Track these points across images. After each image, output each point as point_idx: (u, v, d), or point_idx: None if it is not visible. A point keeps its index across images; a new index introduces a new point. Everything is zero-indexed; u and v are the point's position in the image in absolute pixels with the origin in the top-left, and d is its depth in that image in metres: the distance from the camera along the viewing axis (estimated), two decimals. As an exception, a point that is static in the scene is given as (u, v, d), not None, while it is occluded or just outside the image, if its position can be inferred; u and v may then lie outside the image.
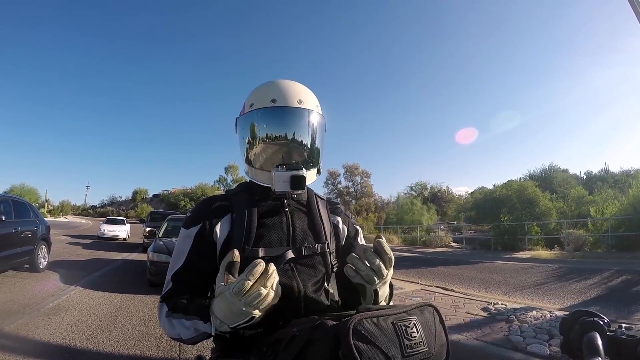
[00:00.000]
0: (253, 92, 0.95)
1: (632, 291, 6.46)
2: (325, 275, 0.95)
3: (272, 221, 0.91)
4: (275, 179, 0.86)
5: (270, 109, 0.89)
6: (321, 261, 0.93)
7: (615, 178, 26.14)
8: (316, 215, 0.96)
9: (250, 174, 0.96)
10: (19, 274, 7.06)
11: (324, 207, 1.00)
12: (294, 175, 0.85)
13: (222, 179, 44.29)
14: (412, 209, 27.50)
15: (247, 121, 0.92)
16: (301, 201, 0.97)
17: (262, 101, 0.90)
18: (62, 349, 3.41)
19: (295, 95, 0.90)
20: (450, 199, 41.30)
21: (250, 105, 0.92)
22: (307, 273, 0.90)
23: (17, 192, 36.19)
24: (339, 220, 1.03)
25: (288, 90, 0.91)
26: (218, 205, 0.92)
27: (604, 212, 14.55)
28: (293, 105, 0.89)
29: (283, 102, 0.89)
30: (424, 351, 0.60)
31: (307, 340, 0.62)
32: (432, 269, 10.45)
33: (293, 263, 0.88)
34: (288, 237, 0.90)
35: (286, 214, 0.92)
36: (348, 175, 41.80)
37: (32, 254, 7.23)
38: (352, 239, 1.03)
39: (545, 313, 4.36)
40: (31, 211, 7.72)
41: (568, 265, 10.15)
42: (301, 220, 0.94)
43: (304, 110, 0.90)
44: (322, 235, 0.94)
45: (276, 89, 0.91)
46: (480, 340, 3.52)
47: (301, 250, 0.89)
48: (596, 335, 0.60)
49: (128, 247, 14.27)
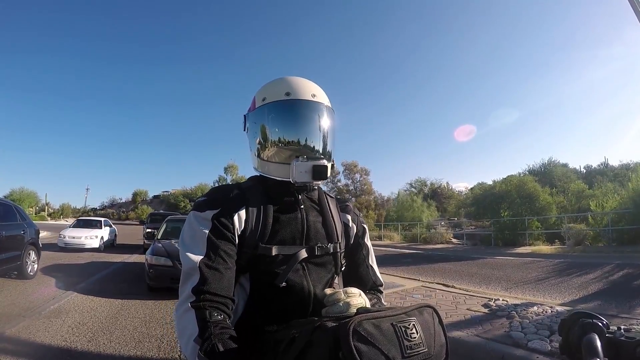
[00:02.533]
0: (264, 87, 0.93)
1: (633, 285, 6.47)
2: (334, 274, 0.94)
3: (287, 218, 0.88)
4: (296, 169, 0.83)
5: (285, 101, 0.87)
6: (331, 261, 0.92)
7: (615, 172, 26.16)
8: (328, 213, 0.94)
9: (263, 169, 0.92)
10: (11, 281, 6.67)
11: (334, 205, 0.99)
12: (316, 164, 0.83)
13: (222, 179, 44.31)
14: (412, 206, 27.52)
15: (260, 115, 0.89)
16: (313, 199, 0.95)
17: (276, 95, 0.88)
18: (64, 352, 3.41)
19: (308, 89, 0.89)
20: (450, 195, 41.33)
21: (262, 99, 0.90)
22: (317, 272, 0.89)
23: (16, 196, 36.25)
24: (349, 219, 1.01)
25: (301, 84, 0.90)
26: (235, 194, 0.87)
27: (604, 206, 14.56)
28: (307, 98, 0.88)
29: (297, 95, 0.87)
30: (424, 352, 0.60)
31: (307, 342, 0.62)
32: (432, 265, 10.47)
33: (304, 262, 0.87)
34: (302, 235, 0.88)
35: (301, 211, 0.90)
36: (347, 173, 41.76)
37: (20, 260, 6.75)
38: (360, 237, 1.02)
39: (546, 309, 4.36)
40: (18, 214, 7.15)
41: (569, 259, 10.16)
42: (315, 219, 0.92)
43: (319, 104, 0.89)
44: (335, 235, 0.93)
45: (289, 84, 0.89)
46: (481, 336, 3.52)
47: (314, 250, 0.88)
48: (595, 337, 0.60)
49: (128, 249, 14.18)
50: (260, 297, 0.85)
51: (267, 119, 0.88)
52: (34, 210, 41.06)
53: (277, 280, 0.82)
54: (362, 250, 1.01)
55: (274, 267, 0.83)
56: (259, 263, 0.83)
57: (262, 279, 0.84)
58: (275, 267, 0.83)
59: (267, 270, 0.83)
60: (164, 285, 5.72)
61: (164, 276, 5.69)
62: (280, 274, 0.83)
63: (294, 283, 0.84)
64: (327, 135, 0.89)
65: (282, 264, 0.84)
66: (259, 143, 0.90)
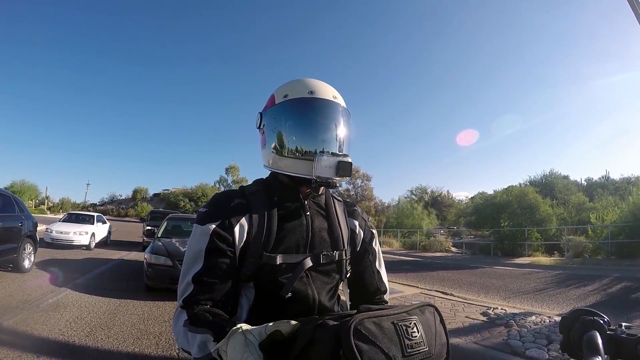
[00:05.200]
0: (284, 85, 0.92)
1: (631, 298, 6.44)
2: (339, 280, 0.94)
3: (292, 225, 0.87)
4: (320, 163, 0.82)
5: (309, 99, 0.87)
6: (336, 269, 0.92)
7: (616, 185, 26.16)
8: (335, 220, 0.93)
9: (276, 165, 0.89)
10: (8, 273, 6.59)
11: (341, 210, 0.98)
12: (341, 161, 0.83)
13: (223, 180, 44.31)
14: (412, 213, 27.43)
15: (280, 111, 0.89)
16: (320, 204, 0.94)
17: (299, 92, 0.88)
18: (61, 345, 3.41)
19: (330, 91, 0.91)
20: (451, 203, 41.23)
21: (283, 96, 0.89)
22: (321, 280, 0.89)
23: (17, 188, 36.18)
24: (357, 225, 1.00)
25: (323, 85, 0.91)
26: (237, 203, 0.86)
27: (604, 219, 14.54)
28: (330, 98, 0.89)
29: (321, 94, 0.88)
30: (425, 351, 0.60)
31: (309, 340, 0.62)
32: (431, 273, 10.44)
33: (309, 270, 0.87)
34: (306, 243, 0.87)
35: (307, 217, 0.89)
36: (349, 179, 41.77)
37: (16, 253, 6.57)
38: (367, 244, 1.01)
39: (544, 318, 4.36)
40: (16, 205, 6.93)
41: (567, 271, 10.13)
42: (320, 225, 0.91)
43: (339, 105, 0.90)
44: (340, 242, 0.92)
45: (312, 83, 0.90)
46: (479, 344, 3.52)
47: (319, 258, 0.87)
48: (596, 334, 0.60)
49: (127, 246, 14.11)
50: (265, 306, 0.85)
51: (290, 115, 0.88)
52: (33, 203, 40.93)
53: (282, 290, 0.82)
54: (369, 255, 1.00)
55: (279, 276, 0.83)
56: (263, 272, 0.83)
57: (266, 288, 0.84)
58: (280, 277, 0.83)
59: (271, 279, 0.83)
60: (163, 286, 5.53)
61: (164, 276, 5.49)
62: (285, 283, 0.83)
63: (298, 291, 0.84)
64: (347, 136, 0.90)
65: (286, 273, 0.84)
66: (278, 138, 0.89)
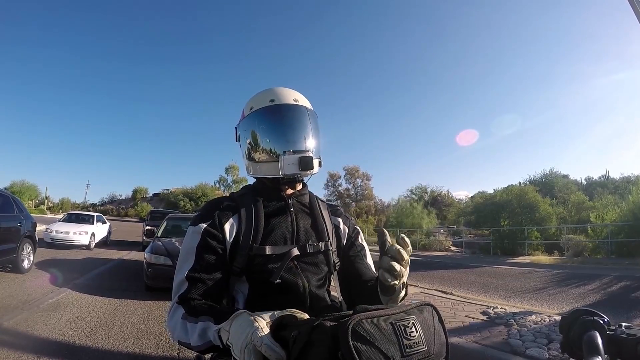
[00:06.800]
0: (251, 99, 1.02)
1: (631, 297, 6.45)
2: (328, 273, 0.99)
3: (278, 220, 0.95)
4: (284, 162, 0.91)
5: (270, 107, 0.96)
6: (324, 260, 0.97)
7: (616, 184, 26.19)
8: (318, 215, 1.01)
9: (254, 171, 1.00)
10: (7, 274, 6.54)
11: (325, 208, 1.05)
12: (302, 156, 0.91)
13: (223, 179, 44.41)
14: (412, 212, 27.48)
15: (248, 123, 0.98)
16: (304, 202, 1.01)
17: (261, 103, 0.97)
18: (61, 346, 3.41)
19: (291, 95, 0.99)
20: (450, 202, 41.31)
21: (250, 108, 0.99)
22: (310, 270, 0.94)
23: (17, 188, 36.20)
24: (340, 221, 1.07)
25: (284, 92, 0.99)
26: (226, 205, 0.95)
27: (604, 218, 14.57)
28: (290, 102, 0.97)
29: (281, 100, 0.97)
30: (423, 350, 0.59)
31: (306, 342, 0.61)
32: (431, 272, 10.45)
33: (297, 260, 0.92)
34: (292, 236, 0.94)
35: (291, 213, 0.96)
36: (349, 178, 41.92)
37: (15, 253, 6.54)
38: (353, 238, 1.07)
39: (544, 317, 4.36)
40: (15, 205, 6.88)
41: (567, 270, 10.14)
42: (305, 220, 0.98)
43: (300, 107, 0.98)
44: (325, 234, 0.98)
45: (273, 92, 0.99)
46: (479, 343, 3.52)
47: (305, 248, 0.93)
48: (596, 334, 0.60)
49: (127, 245, 14.11)
50: (258, 297, 0.90)
51: (256, 125, 0.97)
52: (33, 203, 40.98)
53: (272, 277, 0.87)
54: (357, 249, 1.06)
55: (268, 264, 0.89)
56: (254, 264, 0.89)
57: (258, 279, 0.90)
58: (270, 265, 0.89)
59: (262, 269, 0.89)
60: (162, 286, 5.48)
61: (163, 276, 5.45)
62: (274, 271, 0.88)
63: (289, 281, 0.89)
64: (311, 133, 0.97)
65: (275, 262, 0.90)
66: (250, 147, 0.99)
